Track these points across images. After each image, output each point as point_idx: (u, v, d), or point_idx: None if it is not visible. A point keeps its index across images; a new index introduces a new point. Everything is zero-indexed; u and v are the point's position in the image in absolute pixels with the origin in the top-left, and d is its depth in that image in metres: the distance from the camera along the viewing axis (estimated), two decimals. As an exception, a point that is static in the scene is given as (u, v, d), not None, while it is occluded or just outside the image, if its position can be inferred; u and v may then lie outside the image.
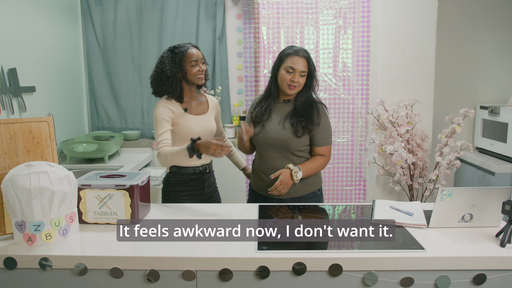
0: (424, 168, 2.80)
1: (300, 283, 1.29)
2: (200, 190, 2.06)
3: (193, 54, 1.94)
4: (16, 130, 1.46)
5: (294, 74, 1.85)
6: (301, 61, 1.85)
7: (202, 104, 2.09)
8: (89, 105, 3.51)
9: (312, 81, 1.92)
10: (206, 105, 2.10)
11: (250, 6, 3.32)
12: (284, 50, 1.91)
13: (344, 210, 1.78)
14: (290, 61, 1.85)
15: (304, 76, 1.87)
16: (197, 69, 1.94)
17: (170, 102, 1.96)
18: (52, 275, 1.32)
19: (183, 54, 1.93)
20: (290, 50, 1.88)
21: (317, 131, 1.91)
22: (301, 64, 1.84)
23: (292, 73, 1.85)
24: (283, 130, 1.91)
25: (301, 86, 1.89)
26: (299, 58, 1.85)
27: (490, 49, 3.24)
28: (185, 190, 2.03)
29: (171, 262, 1.29)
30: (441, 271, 1.28)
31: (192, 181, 2.03)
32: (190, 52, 1.94)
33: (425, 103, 2.84)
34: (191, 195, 2.03)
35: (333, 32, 3.21)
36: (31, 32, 2.67)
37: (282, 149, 1.92)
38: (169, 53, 1.95)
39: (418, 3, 2.76)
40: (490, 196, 1.47)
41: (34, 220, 1.35)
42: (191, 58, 1.93)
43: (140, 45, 3.40)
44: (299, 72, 1.84)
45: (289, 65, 1.85)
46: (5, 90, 2.35)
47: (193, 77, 1.95)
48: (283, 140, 1.90)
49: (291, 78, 1.85)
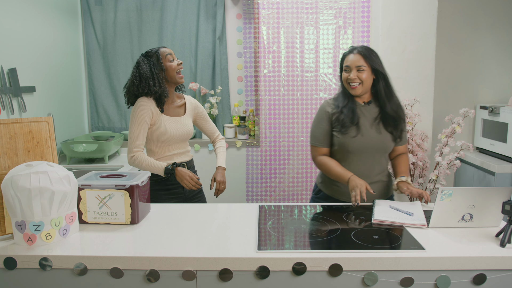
0: (424, 168, 2.79)
1: (300, 283, 1.29)
2: (180, 189, 2.06)
3: (166, 50, 1.97)
4: (16, 130, 1.46)
5: (350, 71, 1.83)
6: (355, 56, 1.82)
7: (180, 106, 2.10)
8: (89, 105, 3.51)
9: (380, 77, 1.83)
10: (183, 107, 2.11)
11: (250, 6, 3.32)
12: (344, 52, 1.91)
13: (344, 210, 1.78)
14: (346, 60, 1.85)
15: (364, 71, 1.80)
16: (176, 63, 1.97)
17: (150, 102, 1.96)
18: (52, 275, 1.32)
19: (157, 53, 1.96)
20: (347, 51, 1.88)
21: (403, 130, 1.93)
22: (354, 60, 1.81)
23: (348, 71, 1.83)
24: (378, 134, 1.86)
25: (366, 82, 1.81)
26: (354, 55, 1.82)
27: (490, 49, 3.24)
28: (164, 189, 2.02)
29: (171, 262, 1.29)
30: (441, 271, 1.28)
31: (168, 180, 2.02)
32: (163, 50, 1.97)
33: (425, 103, 2.84)
34: (171, 193, 2.03)
35: (333, 32, 3.21)
36: (31, 32, 2.67)
37: (377, 153, 1.88)
38: (143, 58, 1.97)
39: (418, 3, 2.76)
40: (490, 196, 1.47)
41: (34, 220, 1.35)
42: (165, 53, 1.96)
43: (140, 45, 3.40)
44: (355, 67, 1.81)
45: (345, 64, 1.85)
46: (5, 90, 2.35)
47: (173, 73, 1.96)
48: (380, 143, 1.85)
49: (349, 76, 1.83)
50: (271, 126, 3.31)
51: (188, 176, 1.81)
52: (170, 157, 2.05)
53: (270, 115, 3.31)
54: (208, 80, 3.43)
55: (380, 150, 1.88)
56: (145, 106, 1.93)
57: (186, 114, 2.10)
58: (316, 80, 3.25)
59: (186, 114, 2.10)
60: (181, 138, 2.05)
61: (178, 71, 1.98)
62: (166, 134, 1.98)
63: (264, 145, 3.34)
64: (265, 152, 3.34)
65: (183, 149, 2.10)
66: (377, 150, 1.87)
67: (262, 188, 3.40)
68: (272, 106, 3.30)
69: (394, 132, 1.88)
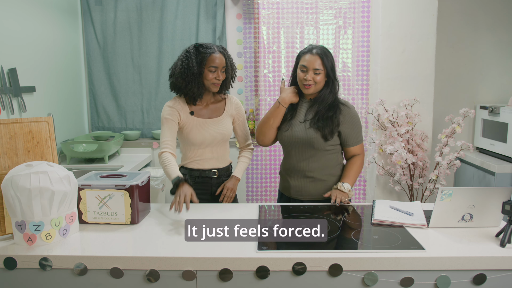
0: (424, 168, 2.80)
1: (300, 283, 1.29)
2: (207, 195, 2.01)
3: (215, 61, 1.88)
4: (16, 130, 1.46)
5: (307, 72, 1.83)
6: (314, 58, 1.82)
7: (218, 106, 2.02)
8: (89, 105, 3.51)
9: (330, 80, 1.87)
10: (222, 108, 2.03)
11: (250, 6, 3.32)
12: (302, 49, 1.90)
13: (344, 209, 1.78)
14: (303, 60, 1.85)
15: (320, 74, 1.83)
16: (214, 76, 1.89)
17: (180, 104, 1.93)
18: (52, 275, 1.32)
19: (206, 56, 1.87)
20: (305, 49, 1.87)
21: (346, 132, 1.88)
22: (314, 62, 1.81)
23: (305, 71, 1.84)
24: (305, 129, 1.88)
25: (319, 84, 1.84)
26: (312, 56, 1.82)
27: (490, 49, 3.24)
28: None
29: (171, 262, 1.29)
30: (441, 271, 1.28)
31: (197, 184, 1.99)
32: (213, 57, 1.88)
33: (425, 103, 2.84)
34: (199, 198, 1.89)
35: (333, 32, 3.21)
36: (31, 32, 2.67)
37: (307, 148, 1.89)
38: (194, 50, 1.89)
39: (418, 3, 2.77)
40: (490, 196, 1.47)
41: (34, 220, 1.35)
42: (212, 63, 1.88)
43: (140, 45, 3.40)
44: (312, 70, 1.82)
45: (302, 64, 1.85)
46: (5, 90, 2.35)
47: (208, 82, 1.90)
48: (307, 138, 1.87)
49: (304, 77, 1.84)
50: (271, 126, 3.31)
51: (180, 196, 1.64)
52: (202, 162, 1.98)
53: (270, 115, 3.31)
54: (208, 80, 3.43)
55: (308, 146, 1.87)
56: (174, 107, 1.92)
57: (223, 115, 2.01)
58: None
59: (224, 115, 2.01)
60: (213, 141, 1.97)
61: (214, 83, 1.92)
62: (194, 137, 1.93)
63: (264, 145, 3.33)
64: (265, 152, 3.34)
65: (217, 154, 2.01)
66: (303, 144, 1.88)
67: (262, 188, 3.40)
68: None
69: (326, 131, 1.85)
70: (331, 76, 1.86)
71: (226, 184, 2.01)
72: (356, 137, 1.92)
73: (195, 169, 1.99)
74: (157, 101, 3.46)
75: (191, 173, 2.00)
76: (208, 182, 2.01)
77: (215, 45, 1.93)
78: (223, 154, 2.04)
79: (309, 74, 1.82)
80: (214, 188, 2.02)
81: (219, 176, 2.03)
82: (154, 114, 3.48)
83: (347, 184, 1.85)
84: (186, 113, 1.93)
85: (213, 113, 2.00)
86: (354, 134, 1.91)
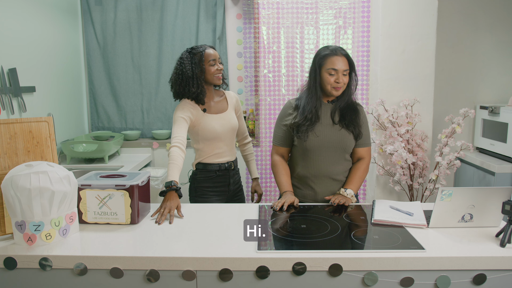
0: (424, 168, 2.79)
1: (300, 283, 1.29)
2: (226, 187, 2.13)
3: (211, 53, 2.00)
4: (16, 130, 1.46)
5: (338, 75, 1.80)
6: (341, 59, 1.80)
7: (221, 101, 2.13)
8: (89, 105, 3.51)
9: (351, 79, 1.86)
10: (225, 102, 2.14)
11: (250, 6, 3.32)
12: (320, 52, 1.84)
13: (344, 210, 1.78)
14: (330, 63, 1.80)
15: (347, 75, 1.83)
16: (216, 68, 2.01)
17: (189, 104, 2.01)
18: (52, 275, 1.32)
19: (202, 54, 1.99)
20: (327, 51, 1.82)
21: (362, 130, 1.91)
22: (342, 63, 1.80)
23: (335, 75, 1.80)
24: (338, 131, 1.87)
25: (346, 85, 1.84)
26: (338, 57, 1.80)
27: (490, 49, 3.24)
28: (212, 187, 2.09)
29: (171, 262, 1.29)
30: (441, 271, 1.28)
31: (218, 178, 2.10)
32: (208, 52, 2.00)
33: (425, 103, 2.84)
34: (217, 191, 2.10)
35: (333, 32, 3.21)
36: (31, 32, 2.67)
37: (337, 151, 1.87)
38: (187, 54, 2.01)
39: (418, 3, 2.76)
40: (490, 196, 1.47)
41: (34, 220, 1.35)
42: (210, 57, 1.99)
43: (140, 45, 3.40)
44: (342, 71, 1.80)
45: (331, 67, 1.79)
46: (5, 90, 2.35)
47: (211, 76, 2.01)
48: (340, 141, 1.85)
49: (335, 80, 1.80)
50: (271, 126, 3.31)
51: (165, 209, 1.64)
52: (219, 155, 2.08)
53: (270, 115, 3.31)
54: (208, 80, 3.43)
55: (338, 149, 1.87)
56: (184, 107, 1.99)
57: (229, 109, 2.13)
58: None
59: (229, 108, 2.13)
60: (228, 134, 2.09)
61: (217, 75, 2.02)
62: (212, 132, 2.02)
63: (264, 145, 3.34)
64: (265, 152, 3.34)
65: (230, 146, 2.13)
66: (336, 148, 1.87)
67: (262, 188, 3.40)
68: (272, 106, 3.30)
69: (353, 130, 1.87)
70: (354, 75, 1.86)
71: (257, 191, 2.25)
72: (367, 138, 1.94)
73: (213, 163, 2.08)
74: (157, 101, 3.46)
75: (210, 167, 2.08)
76: (226, 175, 2.12)
77: (205, 44, 2.06)
78: (233, 146, 2.17)
79: (340, 77, 1.80)
80: (231, 180, 2.14)
81: (234, 168, 2.16)
82: (154, 114, 3.48)
83: (350, 191, 1.84)
84: (199, 110, 2.02)
85: (220, 109, 2.11)
86: (366, 135, 1.93)
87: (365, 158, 1.95)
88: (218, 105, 2.11)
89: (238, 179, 2.24)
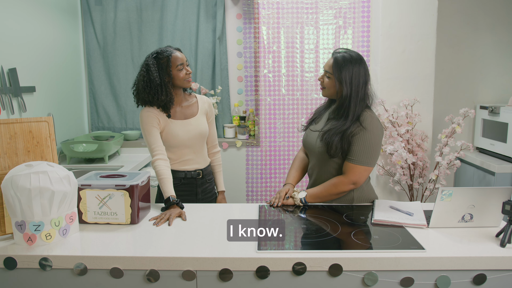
0: (424, 168, 2.80)
1: (300, 283, 1.29)
2: (193, 196, 2.03)
3: (178, 57, 1.89)
4: (16, 130, 1.46)
5: (323, 74, 1.79)
6: (329, 60, 1.76)
7: (191, 106, 2.03)
8: (89, 105, 3.51)
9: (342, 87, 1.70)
10: (196, 106, 2.04)
11: (250, 6, 3.32)
12: None
13: (344, 209, 1.78)
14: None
15: (330, 79, 1.73)
16: (185, 73, 1.91)
17: (155, 110, 1.92)
18: (52, 275, 1.32)
19: (169, 58, 1.88)
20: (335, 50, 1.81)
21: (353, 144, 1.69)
22: (327, 63, 1.75)
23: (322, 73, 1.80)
24: (316, 138, 1.80)
25: (328, 89, 1.76)
26: (330, 58, 1.76)
27: (490, 49, 3.24)
28: (177, 195, 1.92)
29: (171, 262, 1.29)
30: (441, 271, 1.28)
31: (183, 186, 2.00)
32: (175, 56, 1.89)
33: (425, 103, 2.84)
34: (183, 200, 1.88)
35: (333, 32, 3.21)
36: (31, 32, 2.67)
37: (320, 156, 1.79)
38: (153, 60, 1.88)
39: (418, 3, 2.77)
40: (490, 196, 1.47)
41: (34, 220, 1.35)
42: (177, 61, 1.89)
43: (140, 45, 3.40)
44: (325, 71, 1.77)
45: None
46: (5, 90, 2.35)
47: (181, 81, 1.91)
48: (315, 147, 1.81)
49: (319, 78, 1.82)
50: (271, 126, 3.31)
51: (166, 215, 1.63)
52: (185, 162, 2.00)
53: (270, 115, 3.31)
54: (208, 80, 3.43)
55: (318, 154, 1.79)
56: (150, 114, 1.91)
57: (199, 114, 2.03)
58: (316, 80, 3.25)
59: (199, 114, 2.03)
60: (195, 141, 1.99)
61: (187, 79, 1.93)
62: (176, 139, 1.94)
63: (264, 145, 3.34)
64: (265, 152, 3.34)
65: (199, 153, 2.04)
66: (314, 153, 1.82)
67: (262, 188, 3.40)
68: (272, 106, 3.30)
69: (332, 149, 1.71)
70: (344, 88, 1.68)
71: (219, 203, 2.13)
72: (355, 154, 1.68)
73: (179, 170, 2.00)
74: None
75: (176, 175, 1.98)
76: (193, 183, 2.04)
77: (170, 46, 1.95)
78: (203, 153, 2.08)
79: (321, 74, 1.80)
80: (199, 189, 2.05)
81: (203, 177, 2.06)
82: (154, 114, 3.48)
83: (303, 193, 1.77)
84: (164, 116, 1.94)
85: (189, 114, 2.01)
86: (356, 150, 1.68)
87: (345, 174, 1.72)
88: (186, 110, 2.00)
89: (210, 189, 2.11)
